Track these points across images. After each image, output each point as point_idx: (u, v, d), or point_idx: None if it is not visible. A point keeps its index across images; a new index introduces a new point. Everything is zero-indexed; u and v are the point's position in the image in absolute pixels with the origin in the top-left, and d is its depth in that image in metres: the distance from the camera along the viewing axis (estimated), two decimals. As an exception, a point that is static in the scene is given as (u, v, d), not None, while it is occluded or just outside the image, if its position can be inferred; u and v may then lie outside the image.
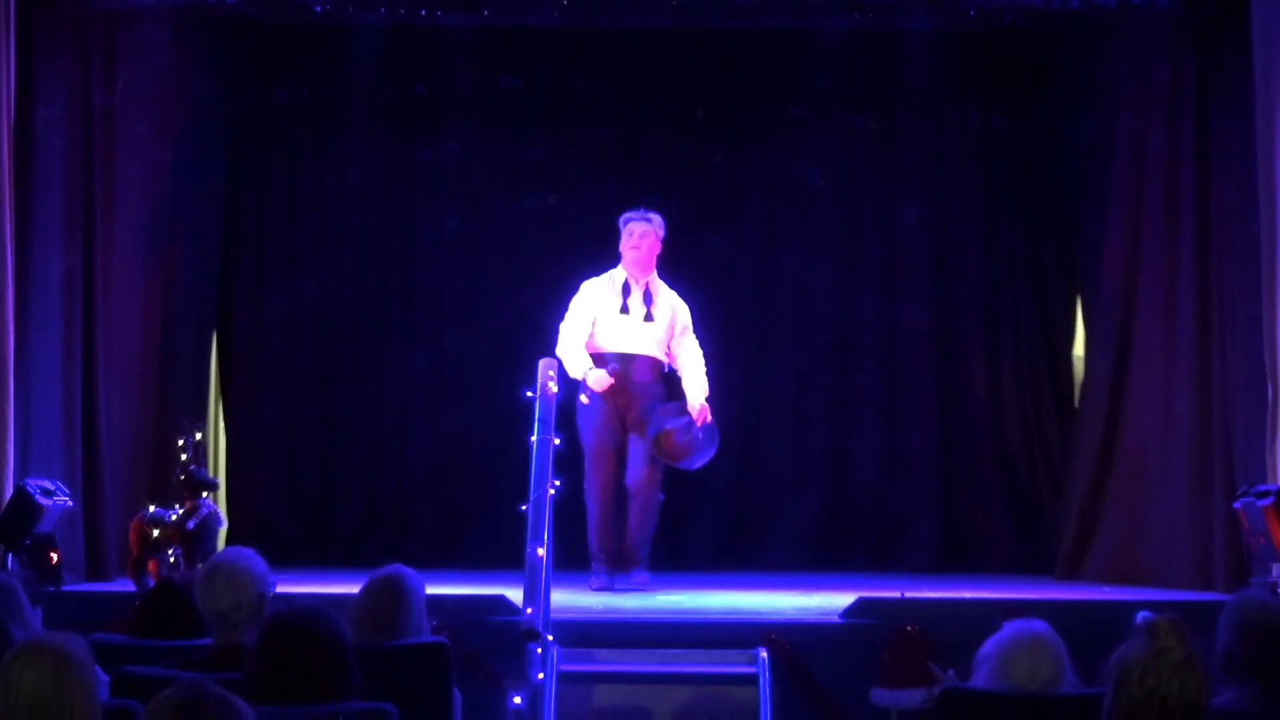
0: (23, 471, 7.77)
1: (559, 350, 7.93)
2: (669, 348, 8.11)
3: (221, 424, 9.89)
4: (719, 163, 10.03)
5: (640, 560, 8.07)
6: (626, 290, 8.08)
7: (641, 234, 8.10)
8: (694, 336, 8.18)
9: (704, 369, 8.10)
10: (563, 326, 8.05)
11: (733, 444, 9.55)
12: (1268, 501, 7.20)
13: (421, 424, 9.97)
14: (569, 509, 7.90)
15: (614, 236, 10.02)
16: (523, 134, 10.00)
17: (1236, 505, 7.53)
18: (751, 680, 6.19)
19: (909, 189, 9.99)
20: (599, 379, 7.86)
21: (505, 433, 8.88)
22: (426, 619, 4.91)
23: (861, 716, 6.34)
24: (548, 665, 5.95)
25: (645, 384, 8.01)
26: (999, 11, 9.22)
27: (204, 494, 7.71)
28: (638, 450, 7.98)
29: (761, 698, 6.10)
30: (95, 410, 8.28)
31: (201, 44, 9.23)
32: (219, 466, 9.68)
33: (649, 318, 8.04)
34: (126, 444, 8.59)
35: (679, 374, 8.11)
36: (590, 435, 8.00)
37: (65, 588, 7.32)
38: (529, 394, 7.10)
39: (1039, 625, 4.09)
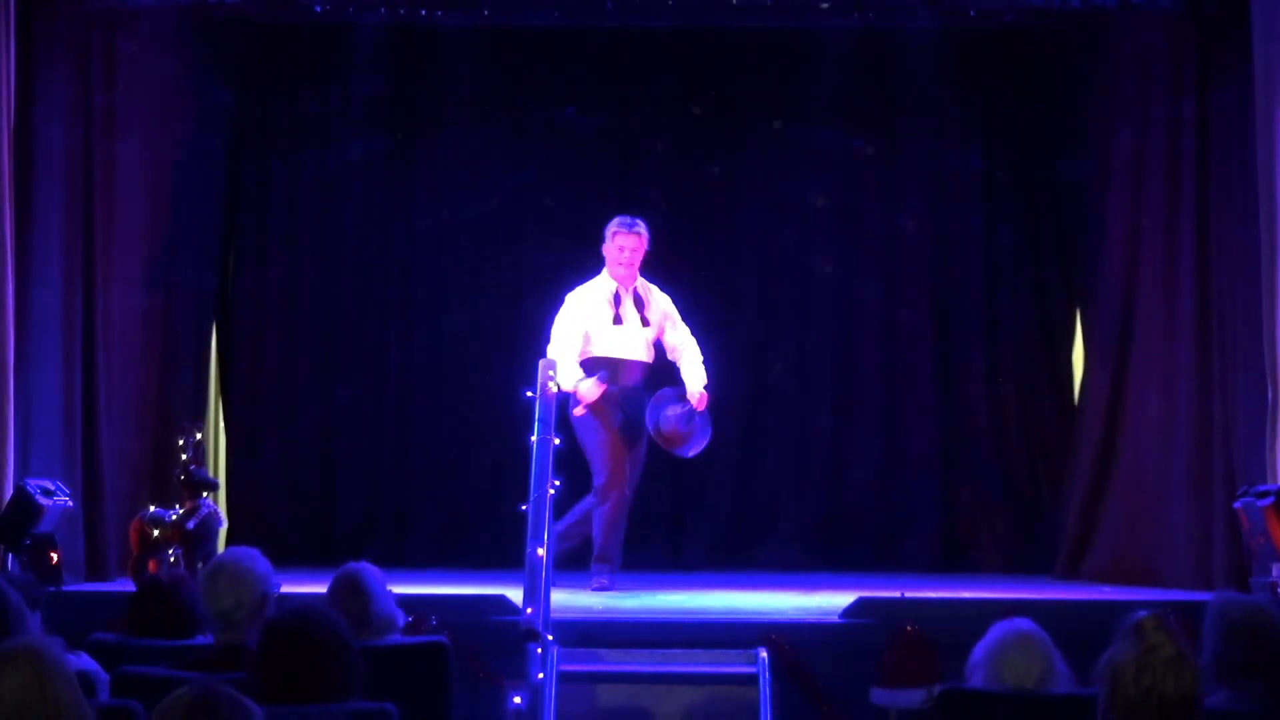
0: (23, 471, 7.76)
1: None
2: (659, 342, 8.10)
3: (221, 424, 9.89)
4: (719, 162, 10.02)
5: (611, 561, 7.95)
6: (618, 299, 8.02)
7: (630, 248, 7.99)
8: (684, 324, 8.15)
9: (700, 356, 8.08)
10: (554, 337, 7.94)
11: (733, 445, 9.57)
12: (1268, 501, 7.20)
13: (422, 424, 9.97)
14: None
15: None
16: (522, 134, 10.00)
17: (1236, 505, 7.52)
18: (751, 680, 6.19)
19: (909, 189, 9.99)
20: (589, 389, 7.80)
21: (505, 433, 8.88)
22: (398, 611, 4.87)
23: (861, 716, 6.34)
24: (548, 665, 5.95)
25: (636, 389, 7.98)
26: (999, 11, 9.22)
27: (204, 494, 7.71)
28: (635, 452, 7.98)
29: (761, 698, 6.10)
30: (95, 410, 8.28)
31: (201, 44, 9.23)
32: (219, 466, 9.68)
33: (645, 323, 8.02)
34: (126, 444, 8.58)
35: (676, 363, 8.08)
36: (605, 444, 7.88)
37: (65, 588, 7.31)
38: (529, 394, 7.10)
39: (1025, 624, 4.10)
